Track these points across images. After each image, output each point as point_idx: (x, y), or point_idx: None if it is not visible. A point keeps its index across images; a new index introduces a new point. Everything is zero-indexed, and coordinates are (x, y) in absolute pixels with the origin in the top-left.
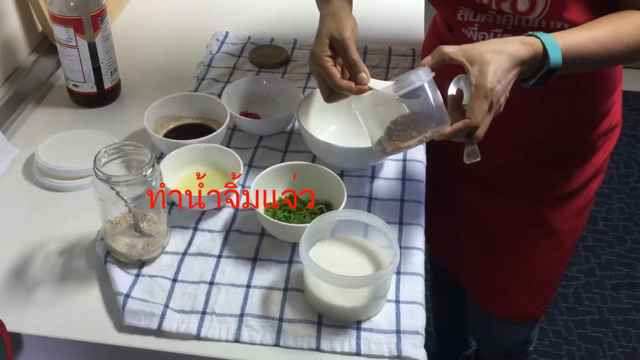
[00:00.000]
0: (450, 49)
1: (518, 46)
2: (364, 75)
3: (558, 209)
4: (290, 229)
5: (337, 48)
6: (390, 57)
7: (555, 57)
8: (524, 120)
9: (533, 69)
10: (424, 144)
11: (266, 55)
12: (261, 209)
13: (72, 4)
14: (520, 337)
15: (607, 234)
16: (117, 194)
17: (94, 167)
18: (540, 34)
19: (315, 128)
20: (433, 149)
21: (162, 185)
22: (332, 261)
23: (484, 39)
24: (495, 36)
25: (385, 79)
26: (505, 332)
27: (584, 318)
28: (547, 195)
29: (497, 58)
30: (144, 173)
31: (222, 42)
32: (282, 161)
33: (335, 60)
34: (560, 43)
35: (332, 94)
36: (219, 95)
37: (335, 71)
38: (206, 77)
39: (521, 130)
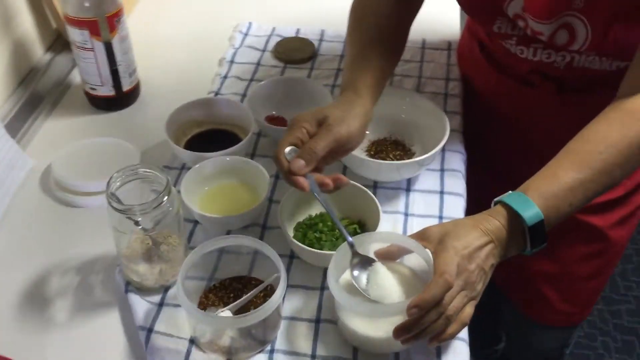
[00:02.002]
0: (433, 229)
1: (477, 232)
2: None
3: (601, 216)
4: (321, 255)
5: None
6: (424, 51)
7: (529, 212)
8: (564, 127)
9: (516, 238)
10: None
11: (292, 50)
12: (290, 231)
13: (87, 4)
14: (558, 342)
15: None
16: (133, 222)
17: (106, 193)
18: (504, 197)
19: None
20: (472, 150)
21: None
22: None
23: (522, 54)
24: (535, 51)
25: (419, 76)
26: (542, 336)
27: (620, 308)
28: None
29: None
30: (160, 201)
31: (246, 34)
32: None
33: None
34: (532, 193)
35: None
36: (243, 96)
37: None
38: (229, 75)
39: (561, 136)
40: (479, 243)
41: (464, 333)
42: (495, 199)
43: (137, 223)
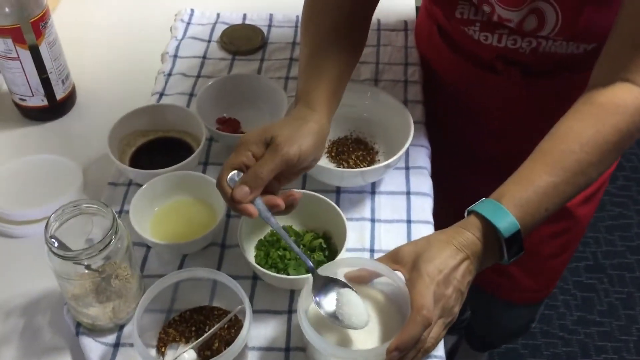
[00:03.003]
0: (404, 250)
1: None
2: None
3: None
4: (286, 280)
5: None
6: (380, 33)
7: (505, 223)
8: (529, 111)
9: (492, 249)
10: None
11: (239, 39)
12: (252, 250)
13: (7, 9)
14: (524, 319)
15: None
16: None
17: (45, 237)
18: (477, 207)
19: None
20: (437, 139)
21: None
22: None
23: (486, 40)
24: (500, 37)
25: (377, 62)
26: (508, 314)
27: (579, 265)
28: None
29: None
30: (107, 241)
31: (189, 23)
32: None
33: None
34: (506, 202)
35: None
36: (191, 95)
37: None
38: (173, 72)
39: (527, 120)
40: (454, 263)
41: (441, 351)
42: (469, 209)
43: (82, 266)
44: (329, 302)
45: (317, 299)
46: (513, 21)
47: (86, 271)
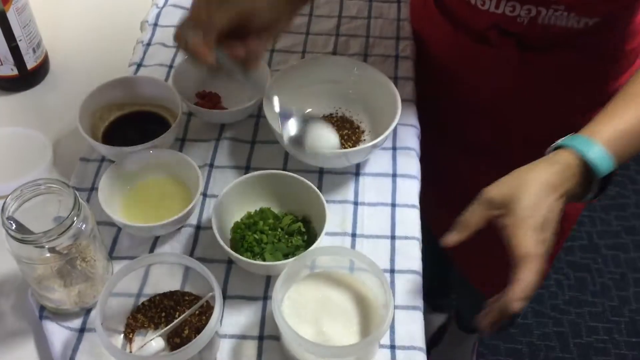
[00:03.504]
0: (494, 193)
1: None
2: None
3: None
4: (262, 267)
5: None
6: (372, 4)
7: (603, 163)
8: (524, 89)
9: (582, 186)
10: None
11: None
12: (227, 234)
13: None
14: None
15: None
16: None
17: (1, 219)
18: (573, 143)
19: None
20: (427, 119)
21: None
22: (313, 310)
23: (483, 5)
24: (498, 3)
25: (367, 35)
26: None
27: (573, 244)
28: None
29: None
30: (69, 224)
31: None
32: (249, 156)
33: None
34: (600, 139)
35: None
36: (170, 67)
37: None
38: (153, 42)
39: (521, 98)
40: (550, 203)
41: (420, 340)
42: (557, 143)
43: (44, 249)
44: (293, 127)
45: (282, 121)
46: None
47: (48, 254)
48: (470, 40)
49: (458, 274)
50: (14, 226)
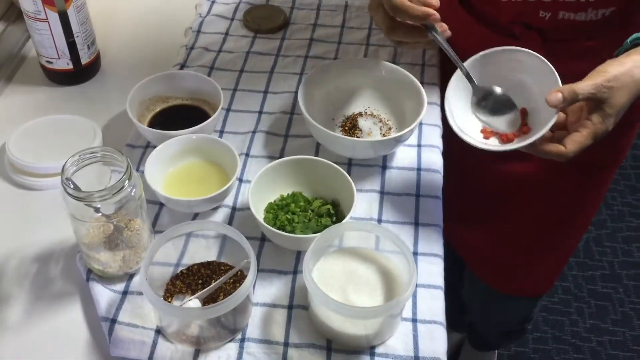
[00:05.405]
0: (583, 89)
1: None
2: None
3: (574, 182)
4: (293, 239)
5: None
6: None
7: None
8: None
9: None
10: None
11: (262, 18)
12: (261, 214)
13: None
14: (521, 313)
15: (619, 182)
16: (92, 209)
17: (61, 179)
18: None
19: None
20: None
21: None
22: (340, 281)
23: None
24: None
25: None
26: (505, 307)
27: (594, 273)
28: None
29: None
30: (120, 186)
31: (213, 2)
32: (283, 148)
33: None
34: None
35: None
36: (211, 68)
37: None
38: (196, 46)
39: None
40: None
41: (441, 316)
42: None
43: (96, 210)
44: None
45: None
46: None
47: (99, 214)
48: (495, 34)
49: (470, 283)
50: (72, 185)
